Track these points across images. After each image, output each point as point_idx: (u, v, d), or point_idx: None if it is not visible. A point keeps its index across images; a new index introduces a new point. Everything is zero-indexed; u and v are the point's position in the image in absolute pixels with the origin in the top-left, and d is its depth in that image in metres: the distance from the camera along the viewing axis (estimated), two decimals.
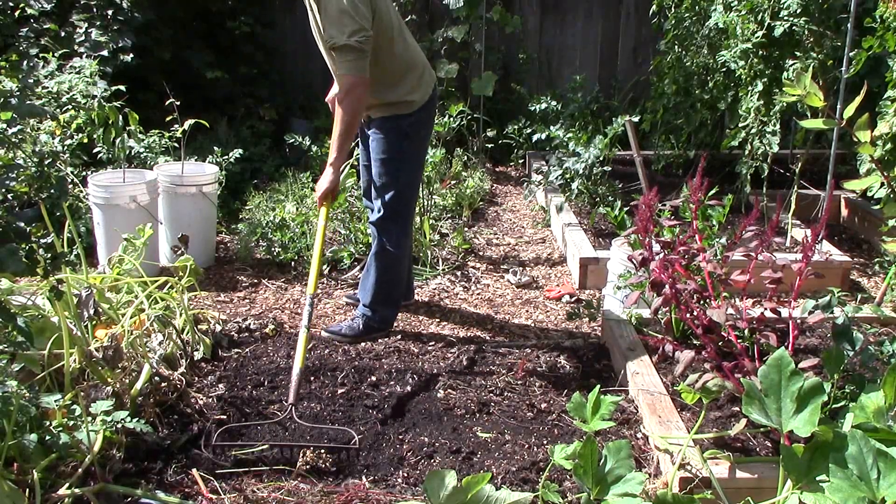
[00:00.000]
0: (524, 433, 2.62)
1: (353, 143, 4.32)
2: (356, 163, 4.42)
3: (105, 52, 5.16)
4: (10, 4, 5.19)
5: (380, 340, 3.34)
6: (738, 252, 2.74)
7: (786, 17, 4.05)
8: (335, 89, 3.55)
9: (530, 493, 2.10)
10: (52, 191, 2.92)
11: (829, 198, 2.81)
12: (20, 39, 5.17)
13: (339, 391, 2.85)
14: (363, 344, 3.29)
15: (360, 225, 4.35)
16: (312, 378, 2.94)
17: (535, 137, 5.46)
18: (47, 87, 4.46)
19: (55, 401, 2.27)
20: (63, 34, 5.27)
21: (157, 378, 2.72)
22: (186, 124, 4.26)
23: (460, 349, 3.25)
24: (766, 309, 2.55)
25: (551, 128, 5.11)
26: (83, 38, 5.24)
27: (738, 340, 2.52)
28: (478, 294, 4.01)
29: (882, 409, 2.06)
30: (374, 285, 3.34)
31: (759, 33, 4.13)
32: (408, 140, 3.23)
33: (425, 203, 4.72)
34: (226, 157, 4.65)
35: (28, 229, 2.15)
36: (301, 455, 2.43)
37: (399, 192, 3.25)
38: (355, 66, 2.95)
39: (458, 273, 4.22)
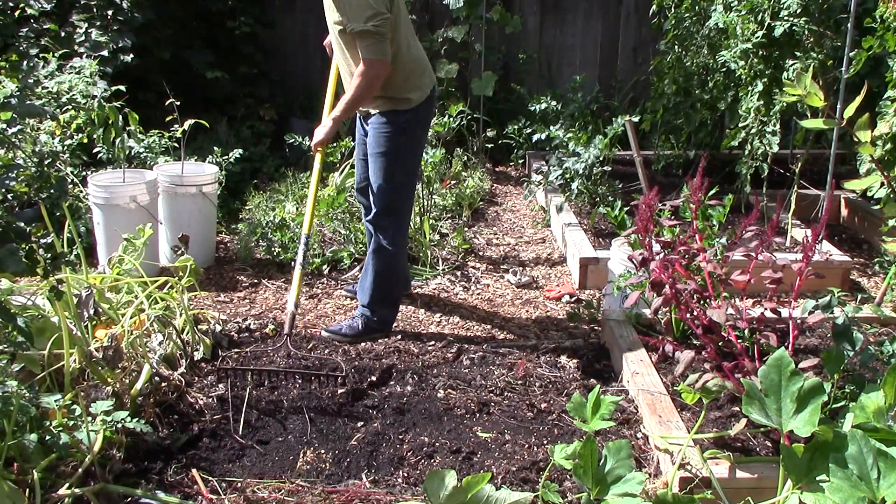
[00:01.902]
0: (524, 433, 2.62)
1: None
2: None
3: (105, 52, 5.16)
4: (10, 4, 5.19)
5: (380, 340, 3.34)
6: (738, 252, 2.75)
7: (786, 18, 4.05)
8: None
9: (530, 493, 2.10)
10: (52, 191, 2.93)
11: (829, 198, 2.81)
12: (20, 39, 5.17)
13: (339, 391, 2.85)
14: (363, 344, 3.29)
15: (360, 225, 4.35)
16: (312, 378, 2.94)
17: (535, 137, 5.46)
18: (47, 88, 4.46)
19: (55, 401, 2.27)
20: (63, 34, 5.27)
21: (157, 378, 2.72)
22: (186, 124, 4.26)
23: (460, 349, 3.25)
24: (766, 309, 2.55)
25: (551, 128, 5.11)
26: (83, 38, 5.24)
27: (738, 340, 2.53)
28: (478, 294, 4.01)
29: (882, 409, 2.06)
30: (373, 284, 3.35)
31: (759, 33, 4.13)
32: (405, 136, 3.28)
33: (425, 203, 4.72)
34: (226, 157, 4.65)
35: (28, 229, 2.15)
36: (301, 455, 2.44)
37: (395, 189, 3.28)
38: (375, 50, 3.06)
39: (458, 273, 4.22)
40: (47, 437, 2.18)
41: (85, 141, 4.45)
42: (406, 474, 2.41)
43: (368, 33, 3.02)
